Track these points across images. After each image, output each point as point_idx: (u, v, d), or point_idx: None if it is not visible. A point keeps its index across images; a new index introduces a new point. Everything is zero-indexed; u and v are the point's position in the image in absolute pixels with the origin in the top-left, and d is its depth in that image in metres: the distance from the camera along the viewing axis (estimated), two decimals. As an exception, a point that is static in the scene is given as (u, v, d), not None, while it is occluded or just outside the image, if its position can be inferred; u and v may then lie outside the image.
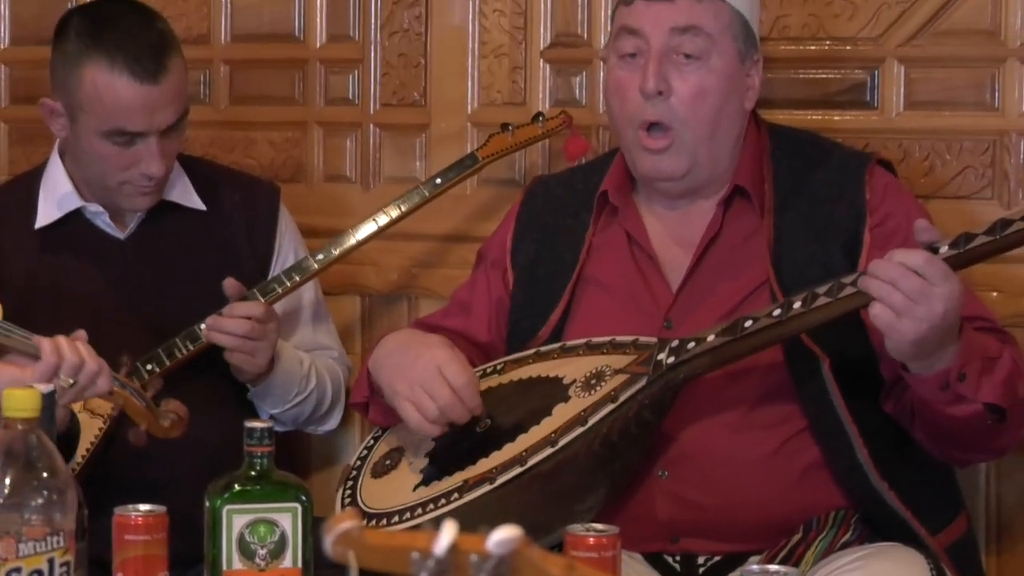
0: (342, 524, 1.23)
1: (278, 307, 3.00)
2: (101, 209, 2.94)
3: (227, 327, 2.83)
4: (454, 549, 1.18)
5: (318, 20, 3.44)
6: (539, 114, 3.11)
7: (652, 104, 2.50)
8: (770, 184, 2.57)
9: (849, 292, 2.22)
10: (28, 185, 2.97)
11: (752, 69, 2.58)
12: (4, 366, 2.50)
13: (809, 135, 2.71)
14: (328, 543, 1.23)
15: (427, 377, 2.41)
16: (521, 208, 2.76)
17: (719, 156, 2.56)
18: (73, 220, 2.94)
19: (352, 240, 3.00)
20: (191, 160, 3.10)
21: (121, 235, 2.97)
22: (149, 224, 2.97)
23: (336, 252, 2.99)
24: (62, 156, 2.96)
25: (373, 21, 3.40)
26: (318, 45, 3.46)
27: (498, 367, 2.58)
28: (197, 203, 3.01)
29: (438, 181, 3.06)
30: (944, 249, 2.18)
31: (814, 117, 3.03)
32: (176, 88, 2.82)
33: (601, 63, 3.13)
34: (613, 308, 2.58)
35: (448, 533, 1.18)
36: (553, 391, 2.43)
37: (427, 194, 3.05)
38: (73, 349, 2.46)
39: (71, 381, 2.45)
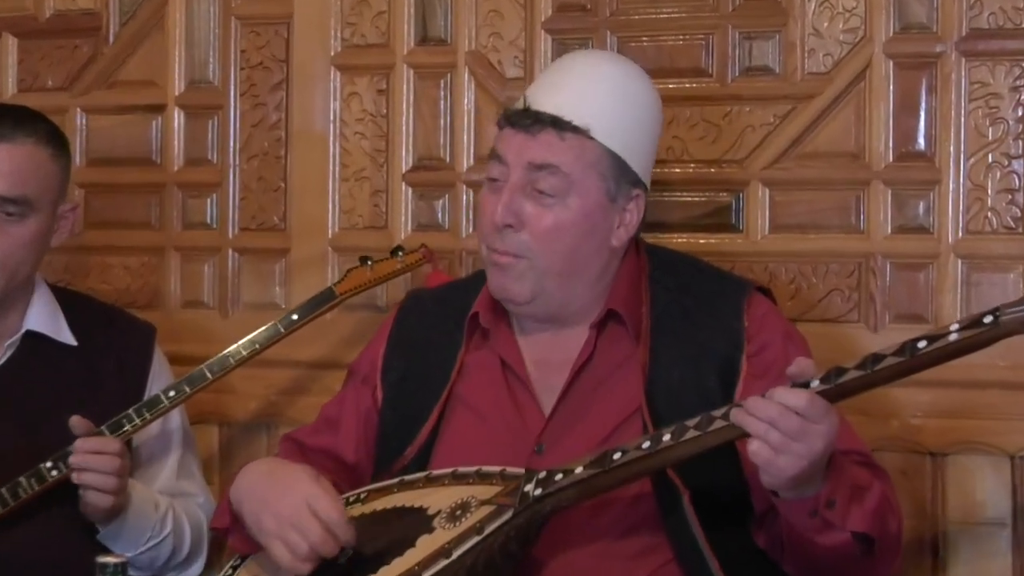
0: None
1: (143, 452, 3.02)
2: None
3: (94, 464, 2.80)
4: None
5: (176, 143, 3.45)
6: (399, 248, 3.08)
7: (501, 236, 2.51)
8: (647, 307, 2.56)
9: (719, 426, 2.21)
10: None
11: (629, 204, 2.55)
12: None
13: (689, 259, 2.70)
14: None
15: (296, 514, 2.37)
16: (394, 324, 2.74)
17: (574, 290, 2.55)
18: None
19: (207, 377, 2.95)
20: (70, 296, 3.13)
21: None
22: (21, 356, 2.97)
23: (189, 390, 2.93)
24: None
25: (232, 144, 3.41)
26: (175, 169, 3.46)
27: (361, 496, 2.53)
28: (68, 338, 3.00)
29: (294, 317, 3.01)
30: (815, 384, 2.17)
31: (679, 240, 3.02)
32: (17, 162, 2.84)
33: (464, 186, 3.21)
34: (483, 431, 2.56)
35: None
36: (417, 522, 2.40)
37: (283, 330, 3.00)
38: None
39: None
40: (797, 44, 3.00)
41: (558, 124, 2.50)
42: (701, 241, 3.04)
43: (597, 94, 2.55)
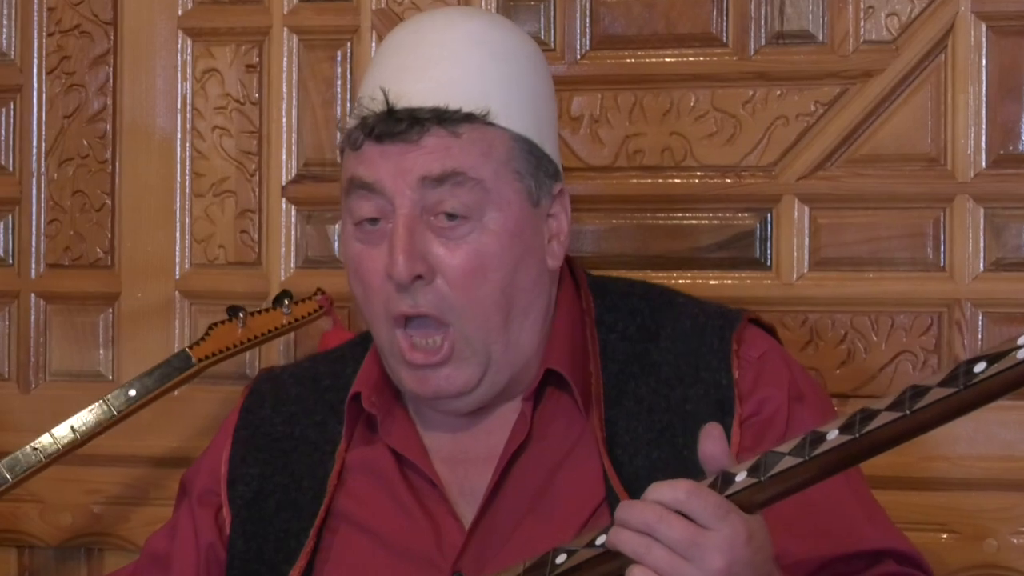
0: None
1: None
2: None
3: None
4: None
5: (-51, 142, 3.33)
6: (284, 295, 2.89)
7: (408, 294, 2.30)
8: (596, 364, 2.37)
9: (593, 553, 2.02)
10: None
11: (554, 206, 2.38)
12: None
13: (648, 288, 2.51)
14: None
15: None
16: (241, 417, 2.52)
17: (523, 346, 2.37)
18: None
19: (4, 479, 2.82)
20: None
21: None
22: None
23: None
24: None
25: (35, 143, 3.20)
26: (-48, 180, 3.31)
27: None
28: None
29: (131, 393, 2.85)
30: (743, 476, 1.96)
31: (681, 281, 2.86)
32: None
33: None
34: (379, 559, 2.33)
35: None
36: None
37: (115, 412, 2.83)
38: None
39: None
40: (849, 0, 2.86)
41: (444, 117, 2.31)
42: (712, 282, 2.89)
43: (476, 63, 2.37)
